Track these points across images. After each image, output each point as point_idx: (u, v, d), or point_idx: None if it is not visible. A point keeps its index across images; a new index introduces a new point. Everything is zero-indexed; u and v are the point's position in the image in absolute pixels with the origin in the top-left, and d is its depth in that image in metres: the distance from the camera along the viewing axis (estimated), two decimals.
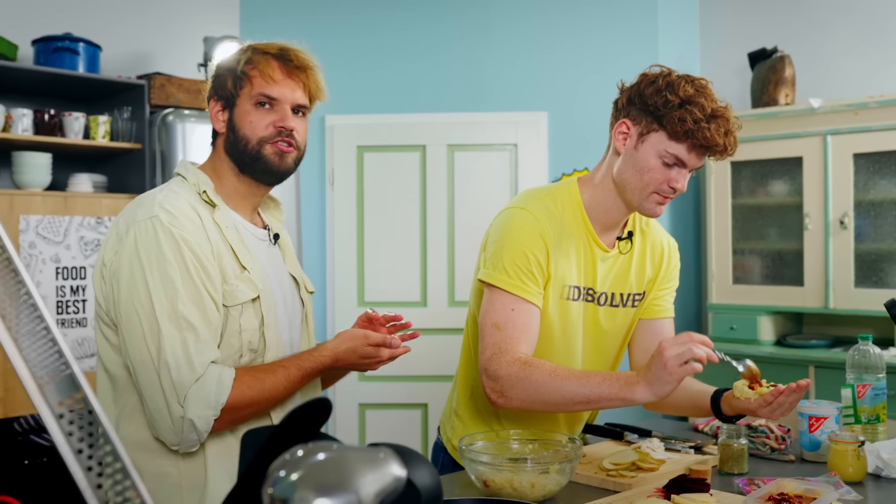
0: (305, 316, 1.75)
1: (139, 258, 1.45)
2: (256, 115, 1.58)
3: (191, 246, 1.47)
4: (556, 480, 1.62)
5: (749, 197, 4.05)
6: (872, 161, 3.65)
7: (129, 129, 3.48)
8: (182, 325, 1.42)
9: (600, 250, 1.87)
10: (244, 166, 1.61)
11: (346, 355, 1.60)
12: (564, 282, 1.83)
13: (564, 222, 1.84)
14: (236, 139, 1.59)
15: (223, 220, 1.56)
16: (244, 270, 1.55)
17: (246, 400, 1.47)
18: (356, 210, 4.17)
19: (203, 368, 1.43)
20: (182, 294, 1.43)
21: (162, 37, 3.92)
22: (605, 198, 1.85)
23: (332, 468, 0.58)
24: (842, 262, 3.68)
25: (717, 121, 1.70)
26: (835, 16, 4.08)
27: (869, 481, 1.77)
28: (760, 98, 3.99)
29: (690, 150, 1.73)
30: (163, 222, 1.47)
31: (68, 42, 3.37)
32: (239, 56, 1.61)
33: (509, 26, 4.19)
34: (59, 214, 3.18)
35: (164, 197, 1.52)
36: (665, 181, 1.75)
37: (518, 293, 1.77)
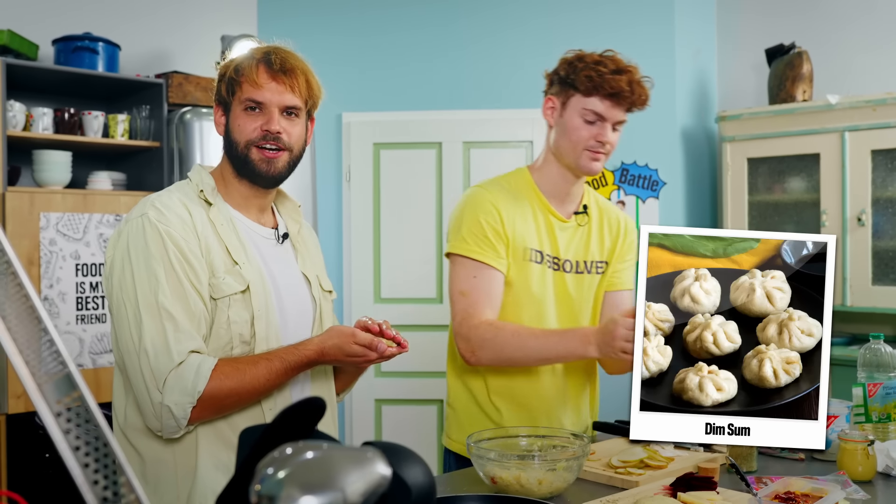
0: (319, 316, 1.77)
1: (128, 253, 1.53)
2: (245, 119, 1.64)
3: (175, 241, 1.53)
4: (563, 477, 1.64)
5: (766, 193, 4.03)
6: (890, 157, 3.62)
7: (147, 127, 3.52)
8: (162, 315, 1.48)
9: (557, 220, 2.06)
10: (239, 169, 1.68)
11: (332, 351, 1.61)
12: (525, 244, 2.00)
13: (519, 195, 2.04)
14: (230, 143, 1.66)
15: (218, 218, 1.62)
16: (235, 265, 1.60)
17: (225, 389, 1.50)
18: (372, 207, 4.20)
19: (181, 357, 1.47)
20: (164, 286, 1.50)
21: (180, 36, 3.96)
22: (550, 170, 2.06)
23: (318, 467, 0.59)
24: (859, 260, 3.66)
25: (621, 73, 1.95)
26: (852, 11, 4.05)
27: (878, 480, 1.77)
28: (778, 94, 3.97)
29: (603, 101, 1.95)
30: (150, 219, 1.54)
31: (88, 41, 3.40)
32: (231, 62, 1.69)
33: (525, 23, 4.19)
34: (79, 212, 3.23)
35: (157, 196, 1.61)
36: (591, 137, 1.97)
37: (478, 258, 1.96)
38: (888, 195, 3.64)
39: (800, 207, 3.91)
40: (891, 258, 3.64)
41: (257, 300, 1.61)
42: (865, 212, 3.63)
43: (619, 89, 1.94)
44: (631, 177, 4.14)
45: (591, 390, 2.21)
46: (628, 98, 1.96)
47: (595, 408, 2.21)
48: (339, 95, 4.18)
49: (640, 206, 4.14)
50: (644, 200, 4.14)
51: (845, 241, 3.69)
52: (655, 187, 4.13)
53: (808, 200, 3.87)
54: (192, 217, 1.59)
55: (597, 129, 1.97)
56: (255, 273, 1.62)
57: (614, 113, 1.97)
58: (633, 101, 1.98)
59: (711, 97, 4.47)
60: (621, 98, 1.95)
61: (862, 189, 3.65)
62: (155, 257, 1.52)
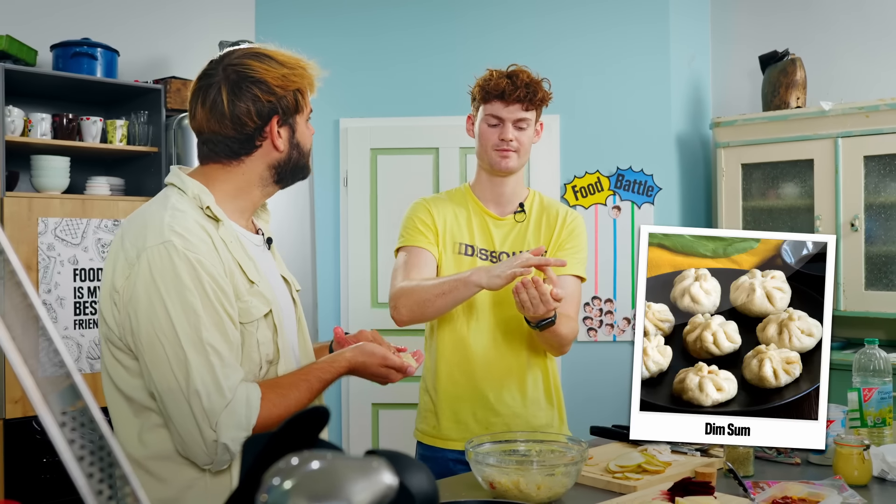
0: (299, 316, 1.77)
1: (156, 286, 1.43)
2: (309, 128, 1.68)
3: (206, 268, 1.46)
4: (562, 482, 1.65)
5: (760, 199, 4.05)
6: (883, 163, 3.64)
7: (145, 132, 3.53)
8: (208, 351, 1.43)
9: (492, 219, 2.28)
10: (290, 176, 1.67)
11: (359, 368, 1.63)
12: (455, 239, 2.25)
13: (457, 201, 2.30)
14: (300, 154, 1.65)
15: (227, 235, 1.56)
16: (252, 285, 1.55)
17: (274, 417, 1.48)
18: (370, 212, 4.21)
19: (232, 393, 1.44)
20: (204, 320, 1.44)
21: (178, 41, 3.97)
22: (480, 178, 2.31)
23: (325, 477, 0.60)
24: (853, 265, 3.68)
25: (508, 77, 2.19)
26: (846, 18, 4.08)
27: (874, 485, 1.79)
28: (772, 101, 3.99)
29: (495, 104, 2.19)
30: (177, 247, 1.45)
31: (86, 47, 3.41)
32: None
33: (521, 28, 4.21)
34: (77, 217, 3.23)
35: (171, 218, 1.49)
36: (495, 137, 2.20)
37: (408, 243, 2.24)
38: (881, 201, 3.66)
39: (794, 213, 3.93)
40: (884, 263, 3.66)
41: (277, 317, 1.59)
42: (859, 217, 3.65)
43: (501, 89, 2.17)
44: (626, 182, 4.16)
45: (536, 369, 2.25)
46: (513, 94, 2.16)
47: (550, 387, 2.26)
48: (336, 101, 4.19)
49: (635, 211, 4.16)
50: (639, 206, 4.16)
51: (839, 247, 3.70)
52: (651, 193, 4.15)
53: (801, 206, 3.88)
54: (211, 239, 1.51)
55: (498, 129, 2.20)
56: (269, 289, 1.60)
57: (510, 111, 2.19)
58: (522, 98, 2.17)
59: (706, 103, 4.50)
60: (508, 96, 2.17)
61: (855, 195, 3.67)
62: (190, 289, 1.43)
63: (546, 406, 2.24)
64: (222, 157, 1.59)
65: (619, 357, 4.15)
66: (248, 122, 1.56)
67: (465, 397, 2.20)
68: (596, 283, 4.13)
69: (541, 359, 2.24)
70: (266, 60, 1.59)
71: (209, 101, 1.57)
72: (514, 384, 2.20)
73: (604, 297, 4.15)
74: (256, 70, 1.57)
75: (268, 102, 1.57)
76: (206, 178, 1.60)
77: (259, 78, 1.57)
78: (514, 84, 2.17)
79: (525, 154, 2.24)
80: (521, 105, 2.18)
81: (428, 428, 2.27)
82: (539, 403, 2.23)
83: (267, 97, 1.57)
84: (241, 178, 1.61)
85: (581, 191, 4.17)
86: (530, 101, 2.18)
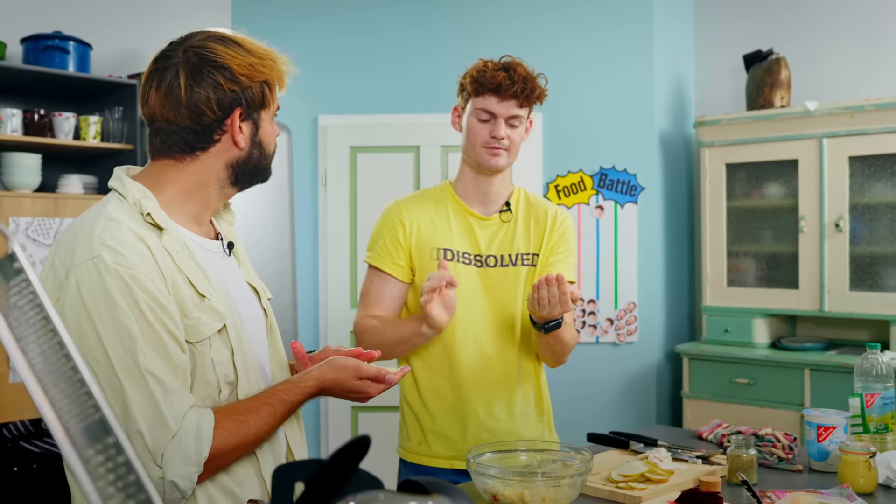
0: (270, 326, 1.61)
1: (85, 308, 1.27)
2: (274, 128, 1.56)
3: (143, 285, 1.29)
4: (567, 494, 1.60)
5: (744, 199, 4.04)
6: (868, 164, 3.64)
7: (120, 129, 3.43)
8: (146, 378, 1.26)
9: (475, 218, 2.15)
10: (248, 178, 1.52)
11: (332, 386, 1.48)
12: (432, 244, 2.11)
13: (437, 202, 2.17)
14: (261, 154, 1.51)
15: (172, 245, 1.38)
16: (203, 299, 1.38)
17: (230, 447, 1.34)
18: (349, 211, 4.13)
19: (178, 423, 1.27)
20: (141, 343, 1.27)
21: (153, 36, 3.86)
22: (465, 175, 2.17)
23: None
24: (837, 265, 3.68)
25: (504, 70, 2.05)
26: (830, 18, 4.08)
27: (879, 493, 1.76)
28: (756, 100, 3.98)
29: (489, 98, 2.05)
30: (107, 263, 1.28)
31: (58, 41, 3.30)
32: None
33: (503, 26, 4.16)
34: (50, 216, 3.13)
35: (102, 230, 1.31)
36: (486, 134, 2.07)
37: (377, 265, 2.13)
38: (865, 201, 3.66)
39: (778, 213, 3.92)
40: (868, 264, 3.66)
41: (233, 333, 1.42)
42: (843, 218, 3.64)
43: (498, 83, 2.03)
44: (609, 182, 4.13)
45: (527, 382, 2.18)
46: (510, 90, 2.03)
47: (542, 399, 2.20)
48: (314, 98, 4.11)
49: (618, 210, 4.13)
50: (622, 205, 4.13)
51: (823, 247, 3.70)
52: (634, 192, 4.12)
53: (786, 206, 3.88)
54: (150, 251, 1.33)
55: (490, 126, 2.06)
56: (224, 302, 1.42)
57: (503, 107, 2.05)
58: (518, 94, 2.04)
59: (689, 103, 4.48)
60: (504, 91, 2.03)
61: (840, 195, 3.67)
62: (123, 310, 1.26)
63: (536, 419, 2.17)
64: (175, 151, 1.43)
65: (602, 358, 4.13)
66: (206, 112, 1.41)
67: (454, 413, 2.10)
68: (579, 284, 4.09)
69: (531, 371, 2.17)
70: (233, 46, 1.44)
71: (165, 84, 1.40)
72: (505, 398, 2.11)
73: (587, 297, 4.11)
74: (221, 55, 1.42)
75: (230, 92, 1.42)
76: (154, 179, 1.45)
77: (223, 63, 1.41)
78: (510, 78, 2.04)
79: (515, 153, 2.11)
80: (517, 101, 2.05)
81: (413, 445, 2.16)
82: (530, 417, 2.16)
83: (230, 86, 1.41)
84: (193, 178, 1.45)
85: (564, 190, 4.13)
86: (526, 97, 2.06)
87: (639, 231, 4.14)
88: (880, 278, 3.64)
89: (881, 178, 3.62)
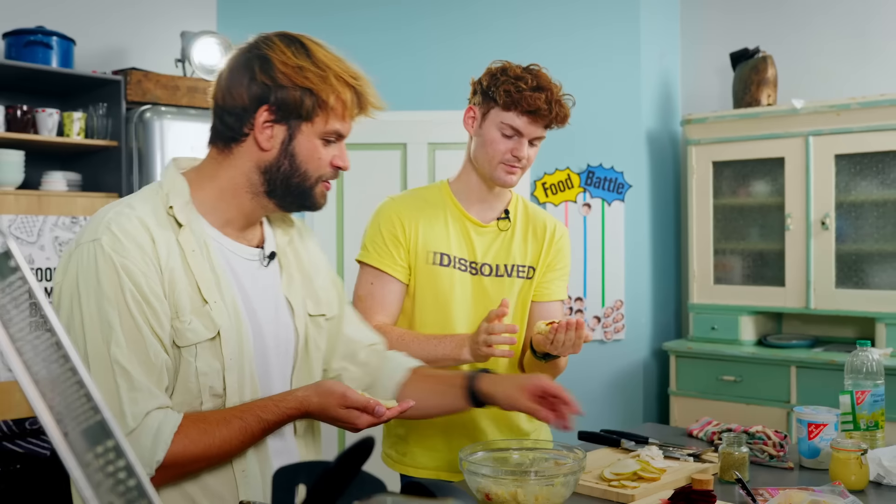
0: (304, 345, 1.52)
1: (77, 289, 1.27)
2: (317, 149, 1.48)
3: (133, 276, 1.26)
4: (560, 493, 1.59)
5: (731, 197, 4.05)
6: (854, 162, 3.66)
7: (104, 125, 3.39)
8: (115, 370, 1.23)
9: (475, 225, 2.06)
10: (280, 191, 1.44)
11: (316, 412, 1.38)
12: (429, 248, 2.01)
13: (433, 203, 2.06)
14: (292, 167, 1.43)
15: (189, 243, 1.35)
16: (205, 304, 1.33)
17: (189, 456, 1.27)
18: (336, 209, 4.11)
19: (136, 421, 1.23)
20: (118, 334, 1.24)
21: (137, 31, 3.82)
22: (468, 178, 2.06)
23: None
24: (823, 263, 3.69)
25: (541, 90, 1.93)
26: (817, 16, 4.09)
27: (871, 490, 1.76)
28: (742, 98, 3.99)
29: (520, 117, 1.93)
30: (104, 248, 1.26)
31: (41, 36, 3.27)
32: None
33: (491, 24, 4.14)
34: (33, 214, 3.09)
35: (115, 214, 1.30)
36: (507, 151, 1.95)
37: (377, 265, 2.01)
38: (851, 199, 3.68)
39: (764, 211, 3.94)
40: (854, 261, 3.68)
41: (229, 347, 1.35)
42: (829, 216, 3.66)
43: (536, 107, 1.92)
44: (597, 179, 4.13)
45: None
46: (546, 116, 1.94)
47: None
48: None
49: (605, 208, 4.13)
50: (610, 203, 4.13)
51: (809, 245, 3.72)
52: (621, 190, 4.12)
53: (772, 204, 3.89)
54: (154, 244, 1.30)
55: (513, 143, 1.96)
56: (229, 313, 1.36)
57: (532, 129, 1.96)
58: (550, 120, 1.96)
59: (675, 101, 4.49)
60: (539, 116, 1.94)
61: (826, 193, 3.68)
62: (108, 297, 1.25)
63: (526, 426, 2.12)
64: (217, 140, 1.41)
65: (589, 356, 4.12)
66: (236, 99, 1.37)
67: (440, 425, 2.03)
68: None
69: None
70: (294, 46, 1.39)
71: (226, 65, 1.41)
72: (493, 411, 2.01)
73: (574, 295, 4.11)
74: (271, 48, 1.37)
75: (262, 84, 1.36)
76: (198, 174, 1.43)
77: (266, 55, 1.37)
78: (548, 104, 1.93)
79: (527, 170, 2.04)
80: (545, 124, 1.97)
81: (395, 453, 2.11)
82: (518, 429, 2.10)
83: (263, 78, 1.36)
84: (227, 176, 1.41)
85: (551, 188, 4.12)
86: (554, 120, 1.97)
87: (626, 229, 4.15)
88: (866, 276, 3.65)
89: (867, 175, 3.64)
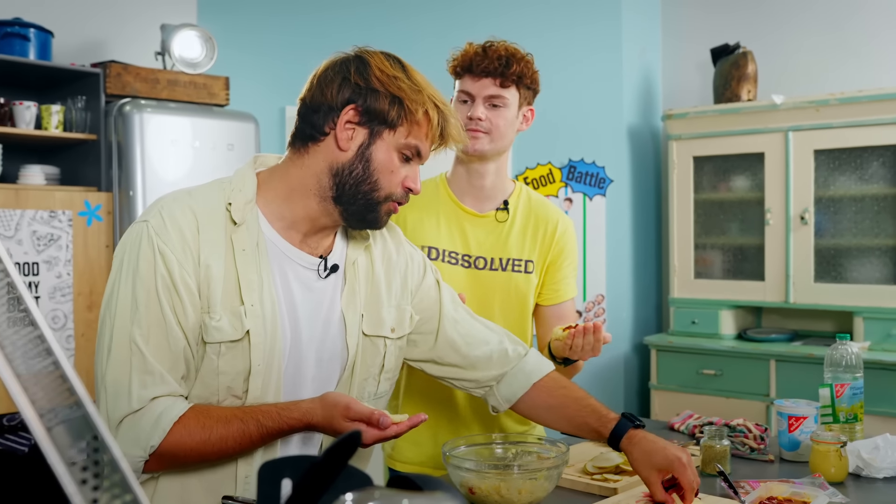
0: (352, 364, 1.48)
1: (122, 264, 1.31)
2: (394, 161, 1.44)
3: (168, 262, 1.29)
4: (543, 487, 1.60)
5: (711, 192, 4.07)
6: (833, 157, 3.69)
7: (83, 119, 3.36)
8: (132, 350, 1.26)
9: (468, 215, 2.01)
10: (347, 196, 1.41)
11: (320, 424, 1.34)
12: (417, 242, 1.94)
13: (424, 195, 2.00)
14: (365, 172, 1.41)
15: (241, 241, 1.35)
16: (241, 305, 1.33)
17: (184, 447, 1.28)
18: None
19: (141, 403, 1.25)
20: (142, 316, 1.27)
21: (117, 23, 3.79)
22: (456, 167, 2.04)
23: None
24: (802, 257, 3.72)
25: (483, 48, 1.94)
26: (797, 13, 4.12)
27: (850, 482, 1.78)
28: (723, 94, 4.01)
29: (465, 79, 1.96)
30: (149, 229, 1.30)
31: (18, 27, 3.23)
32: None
33: (473, 24, 4.14)
34: (10, 208, 3.06)
35: (171, 199, 1.35)
36: (465, 116, 1.94)
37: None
38: (830, 194, 3.71)
39: (744, 206, 3.96)
40: (832, 256, 3.71)
41: (258, 353, 1.34)
42: (808, 210, 3.69)
43: (469, 61, 1.94)
44: (578, 174, 4.14)
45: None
46: (481, 65, 1.92)
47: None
48: (281, 88, 4.07)
49: (587, 203, 4.14)
50: (591, 198, 4.14)
51: (789, 240, 3.75)
52: (602, 185, 4.14)
53: (752, 199, 3.92)
54: (199, 235, 1.32)
55: (468, 107, 1.95)
56: (265, 318, 1.35)
57: (480, 87, 1.94)
58: (490, 71, 1.92)
59: (656, 96, 4.50)
60: (476, 68, 1.93)
61: (805, 188, 3.71)
62: (142, 277, 1.28)
63: (514, 422, 2.10)
64: (297, 141, 1.42)
65: None
66: (326, 95, 1.38)
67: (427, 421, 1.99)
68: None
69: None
70: (392, 59, 1.42)
71: (322, 65, 1.43)
72: (479, 405, 2.01)
73: None
74: (372, 56, 1.41)
75: (354, 86, 1.37)
76: (270, 173, 1.43)
77: (365, 59, 1.40)
78: (485, 55, 1.92)
79: (500, 138, 1.95)
80: (493, 80, 1.92)
81: (382, 448, 2.11)
82: (509, 430, 2.07)
83: (357, 79, 1.37)
84: (297, 175, 1.40)
85: (533, 182, 4.13)
86: (503, 74, 1.92)
87: (607, 223, 4.16)
88: (844, 270, 3.69)
89: (845, 171, 3.67)
